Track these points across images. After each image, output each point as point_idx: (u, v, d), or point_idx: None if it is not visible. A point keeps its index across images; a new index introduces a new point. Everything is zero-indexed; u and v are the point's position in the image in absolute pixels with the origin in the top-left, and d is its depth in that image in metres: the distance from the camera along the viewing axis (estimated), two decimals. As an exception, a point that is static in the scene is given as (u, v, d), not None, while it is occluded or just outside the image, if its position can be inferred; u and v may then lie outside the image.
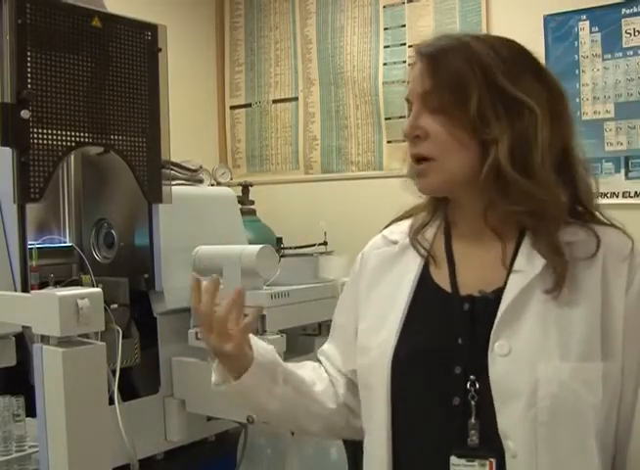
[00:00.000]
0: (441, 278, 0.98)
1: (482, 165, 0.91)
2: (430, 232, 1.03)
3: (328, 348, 1.15)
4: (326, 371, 1.13)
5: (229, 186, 2.19)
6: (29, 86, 1.29)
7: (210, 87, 3.38)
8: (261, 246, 1.54)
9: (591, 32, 2.49)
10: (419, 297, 0.99)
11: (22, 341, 1.36)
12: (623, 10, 2.43)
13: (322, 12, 3.08)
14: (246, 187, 2.86)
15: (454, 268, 0.98)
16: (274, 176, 3.21)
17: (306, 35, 3.13)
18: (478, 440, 0.88)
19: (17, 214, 1.30)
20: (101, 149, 1.50)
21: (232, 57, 3.37)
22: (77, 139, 1.37)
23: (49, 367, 0.90)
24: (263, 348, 1.06)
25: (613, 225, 1.01)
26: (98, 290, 0.94)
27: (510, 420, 0.86)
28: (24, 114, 1.27)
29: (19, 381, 1.31)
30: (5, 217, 1.45)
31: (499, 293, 0.91)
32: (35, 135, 1.30)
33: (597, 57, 2.49)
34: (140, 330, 1.56)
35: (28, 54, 1.29)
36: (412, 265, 1.01)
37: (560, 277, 0.88)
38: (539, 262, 0.90)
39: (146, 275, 1.55)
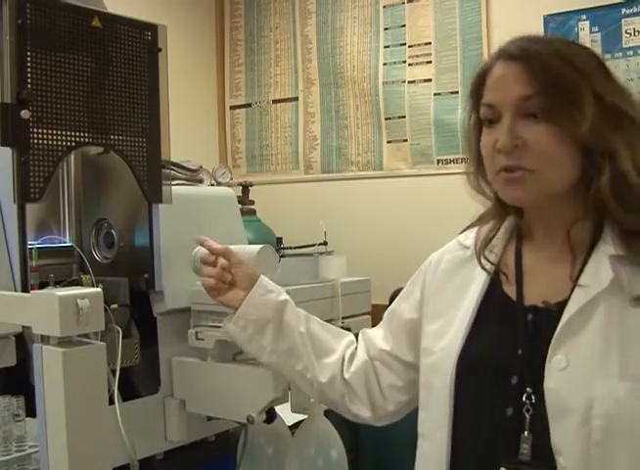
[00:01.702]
0: (509, 287, 0.97)
1: (584, 178, 0.89)
2: (499, 242, 1.01)
3: (372, 330, 1.19)
4: (355, 348, 1.17)
5: (229, 186, 2.19)
6: (29, 86, 1.29)
7: (210, 87, 3.38)
8: (261, 246, 1.54)
9: (591, 32, 2.49)
10: (486, 303, 0.98)
11: (22, 341, 1.36)
12: (623, 10, 2.43)
13: (322, 12, 3.08)
14: (246, 187, 2.85)
15: (522, 279, 0.96)
16: (274, 176, 3.21)
17: (306, 35, 3.13)
18: (529, 454, 0.87)
19: (17, 214, 1.30)
20: (101, 149, 1.50)
21: (232, 57, 3.37)
22: (77, 139, 1.37)
23: (49, 367, 0.90)
24: (260, 301, 1.16)
25: None
26: (98, 290, 0.94)
27: (563, 436, 0.84)
28: (24, 114, 1.27)
29: (19, 381, 1.31)
30: (5, 217, 1.45)
31: (563, 306, 0.89)
32: (35, 135, 1.30)
33: (597, 57, 2.49)
34: (140, 330, 1.56)
35: (28, 54, 1.29)
36: (481, 271, 1.00)
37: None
38: (606, 277, 0.87)
39: (146, 275, 1.55)
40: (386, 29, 2.91)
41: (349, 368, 1.14)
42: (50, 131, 1.32)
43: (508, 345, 0.92)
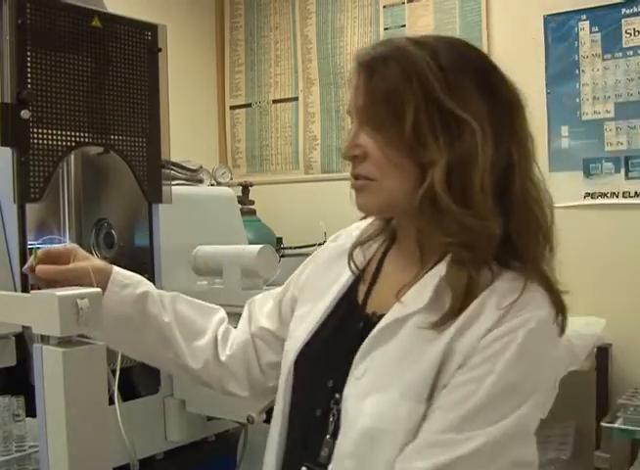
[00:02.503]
0: (363, 290, 0.97)
1: (420, 189, 0.84)
2: (376, 243, 1.00)
3: (261, 300, 1.16)
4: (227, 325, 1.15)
5: (229, 186, 2.19)
6: (29, 86, 1.29)
7: (210, 87, 3.38)
8: (261, 246, 1.54)
9: (591, 32, 2.49)
10: (341, 302, 0.98)
11: (23, 341, 1.36)
12: (623, 10, 2.43)
13: (322, 12, 3.08)
14: (246, 187, 2.86)
15: (372, 287, 0.95)
16: (274, 176, 3.22)
17: (306, 35, 3.13)
18: (327, 457, 0.87)
19: (17, 214, 1.30)
20: (101, 149, 1.50)
21: (232, 57, 3.37)
22: (77, 139, 1.37)
23: (49, 367, 0.90)
24: (116, 299, 1.07)
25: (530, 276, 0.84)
26: (98, 290, 0.94)
27: (342, 445, 0.85)
28: (24, 114, 1.27)
29: (19, 381, 1.31)
30: (5, 217, 1.45)
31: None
32: (35, 135, 1.30)
33: (597, 57, 2.49)
34: (140, 330, 1.55)
35: (28, 54, 1.29)
36: (347, 270, 1.00)
37: (447, 316, 0.82)
38: (426, 297, 0.84)
39: (146, 275, 1.54)
40: (386, 29, 2.91)
41: (225, 350, 1.12)
42: (50, 131, 1.32)
43: (336, 348, 0.92)
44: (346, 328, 0.94)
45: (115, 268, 1.11)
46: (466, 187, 0.82)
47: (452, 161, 0.82)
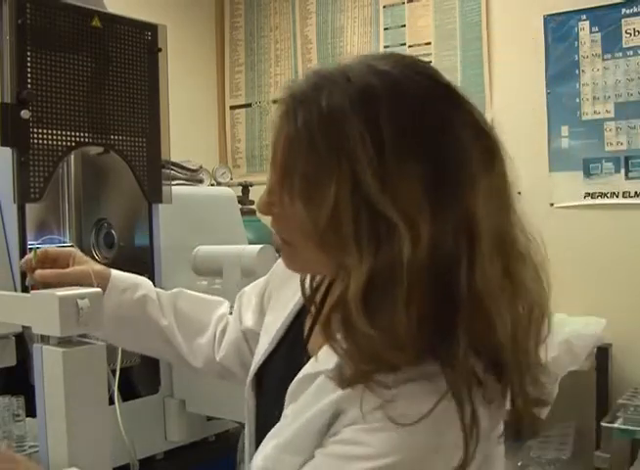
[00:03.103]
0: (307, 324, 0.88)
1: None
2: None
3: (249, 295, 1.11)
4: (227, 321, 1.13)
5: (229, 186, 2.19)
6: (29, 86, 1.29)
7: (210, 87, 3.38)
8: (261, 246, 1.54)
9: (591, 32, 2.49)
10: (297, 320, 0.89)
11: (23, 341, 1.36)
12: (623, 10, 2.43)
13: (322, 12, 3.08)
14: (246, 187, 2.86)
15: (315, 319, 0.85)
16: (274, 176, 3.21)
17: (306, 35, 3.13)
18: None
19: (17, 214, 1.30)
20: (101, 149, 1.50)
21: (232, 57, 3.37)
22: (77, 139, 1.37)
23: (49, 367, 0.90)
24: (115, 303, 1.06)
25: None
26: (98, 290, 0.94)
27: None
28: (24, 114, 1.27)
29: (19, 381, 1.31)
30: (5, 217, 1.45)
31: None
32: (35, 135, 1.30)
33: (597, 57, 2.49)
34: (140, 330, 1.56)
35: (28, 54, 1.29)
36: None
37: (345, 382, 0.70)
38: (334, 360, 0.72)
39: (146, 275, 1.54)
40: (386, 29, 2.91)
41: (219, 351, 1.11)
42: (50, 131, 1.32)
43: (285, 381, 0.83)
44: (295, 360, 0.85)
45: (114, 272, 1.11)
46: (385, 303, 0.65)
47: (375, 271, 0.65)
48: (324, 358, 0.75)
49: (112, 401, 1.15)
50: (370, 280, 0.65)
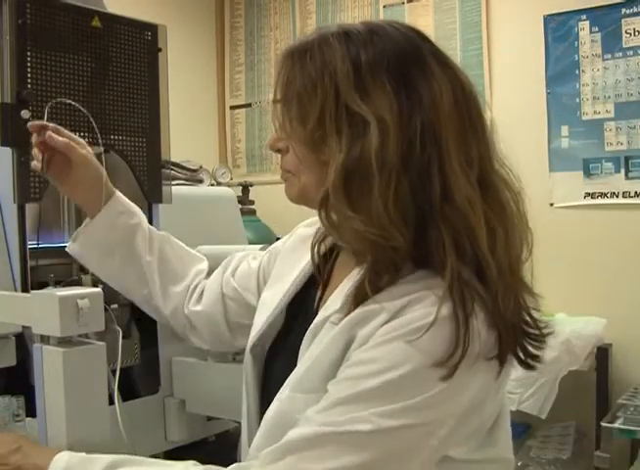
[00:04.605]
0: (317, 295, 0.93)
1: None
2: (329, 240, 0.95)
3: (241, 259, 1.16)
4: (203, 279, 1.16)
5: (229, 186, 2.19)
6: (29, 86, 1.29)
7: (210, 87, 3.38)
8: (261, 246, 1.54)
9: (591, 32, 2.49)
10: (302, 293, 0.95)
11: (23, 341, 1.36)
12: (623, 10, 2.43)
13: (322, 12, 3.09)
14: (246, 187, 2.86)
15: (325, 286, 0.92)
16: (274, 176, 3.21)
17: (306, 35, 3.13)
18: None
19: (17, 214, 1.30)
20: (101, 149, 1.50)
21: (232, 57, 3.37)
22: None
23: (49, 367, 0.90)
24: (109, 223, 1.10)
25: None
26: (98, 290, 0.94)
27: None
28: (24, 114, 1.27)
29: (19, 381, 1.31)
30: (5, 217, 1.45)
31: None
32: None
33: (597, 57, 2.49)
34: (140, 330, 1.55)
35: (28, 54, 1.29)
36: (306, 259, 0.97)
37: (343, 309, 0.79)
38: (339, 301, 0.81)
39: (146, 275, 1.55)
40: (386, 29, 2.92)
41: (193, 304, 1.13)
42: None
43: (294, 361, 0.87)
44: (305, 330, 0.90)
45: (118, 192, 1.14)
46: (363, 191, 0.76)
47: (350, 160, 0.77)
48: (331, 305, 0.82)
49: (112, 401, 1.15)
50: (346, 169, 0.76)
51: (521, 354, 0.77)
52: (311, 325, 0.84)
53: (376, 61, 0.79)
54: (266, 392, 0.95)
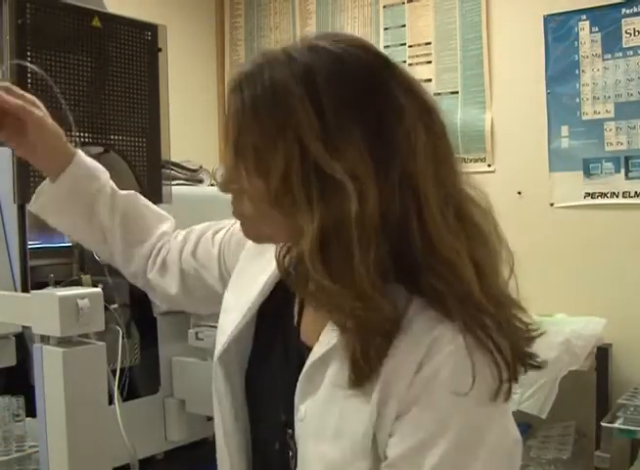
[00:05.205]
0: (295, 307, 0.86)
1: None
2: None
3: (201, 230, 1.13)
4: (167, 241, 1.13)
5: (229, 186, 2.18)
6: (29, 86, 1.29)
7: (210, 87, 3.38)
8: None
9: (591, 32, 2.49)
10: (268, 305, 0.87)
11: (23, 341, 1.36)
12: (623, 10, 2.43)
13: (322, 12, 3.08)
14: (246, 187, 2.85)
15: (302, 306, 0.84)
16: (274, 176, 3.22)
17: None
18: None
19: (17, 214, 1.30)
20: (101, 149, 1.50)
21: (232, 57, 3.37)
22: (77, 139, 1.37)
23: (49, 367, 0.90)
24: (68, 188, 1.05)
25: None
26: (98, 290, 0.94)
27: None
28: (24, 114, 1.27)
29: (19, 381, 1.31)
30: (5, 217, 1.45)
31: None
32: (35, 135, 1.29)
33: (597, 57, 2.49)
34: (140, 330, 1.56)
35: (28, 54, 1.29)
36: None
37: (356, 382, 0.71)
38: (334, 339, 0.74)
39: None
40: (386, 29, 2.91)
41: (153, 274, 1.11)
42: (50, 131, 1.32)
43: (285, 376, 0.82)
44: (289, 351, 0.84)
45: (79, 154, 1.07)
46: (342, 257, 0.68)
47: (326, 228, 0.68)
48: (324, 341, 0.76)
49: (112, 401, 1.15)
50: (322, 236, 0.68)
51: (527, 361, 0.75)
52: (307, 366, 0.77)
53: (341, 102, 0.69)
54: (253, 414, 0.89)
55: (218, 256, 1.05)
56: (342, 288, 0.68)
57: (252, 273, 0.91)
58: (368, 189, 0.68)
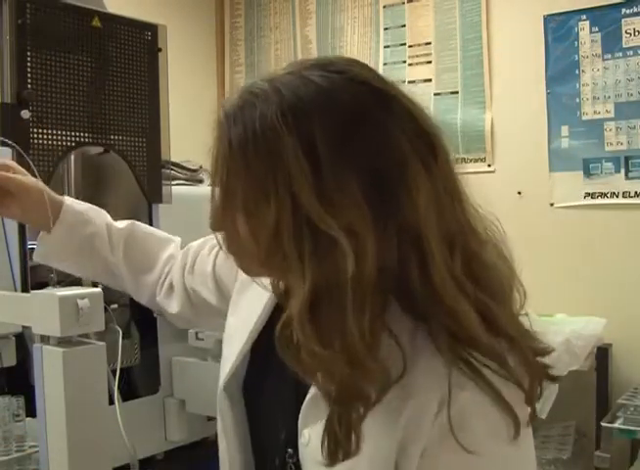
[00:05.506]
0: None
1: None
2: None
3: (199, 246, 1.15)
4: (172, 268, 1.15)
5: (229, 186, 2.18)
6: (29, 86, 1.29)
7: (210, 87, 3.37)
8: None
9: (591, 32, 2.49)
10: (270, 329, 0.81)
11: (23, 341, 1.36)
12: (623, 10, 2.43)
13: (322, 12, 3.08)
14: (246, 187, 2.85)
15: None
16: (274, 176, 3.22)
17: (306, 35, 3.13)
18: None
19: (17, 214, 1.30)
20: (101, 149, 1.50)
21: (232, 57, 3.37)
22: (77, 139, 1.37)
23: (49, 367, 0.90)
24: (63, 239, 1.08)
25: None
26: (98, 290, 0.94)
27: None
28: (24, 114, 1.27)
29: (19, 381, 1.31)
30: (5, 218, 1.45)
31: None
32: (35, 135, 1.30)
33: (597, 57, 2.49)
34: (140, 330, 1.55)
35: (28, 54, 1.29)
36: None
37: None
38: None
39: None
40: (386, 29, 2.91)
41: (163, 296, 1.14)
42: (50, 131, 1.32)
43: (284, 395, 0.80)
44: (284, 376, 0.77)
45: (67, 202, 1.10)
46: (334, 318, 0.63)
47: (318, 288, 0.63)
48: None
49: (112, 401, 1.15)
50: (314, 298, 0.63)
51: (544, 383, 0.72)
52: (307, 400, 0.74)
53: (334, 150, 0.63)
54: (254, 432, 0.88)
55: (213, 273, 1.08)
56: (333, 353, 0.62)
57: (252, 294, 0.88)
58: (366, 245, 0.62)
